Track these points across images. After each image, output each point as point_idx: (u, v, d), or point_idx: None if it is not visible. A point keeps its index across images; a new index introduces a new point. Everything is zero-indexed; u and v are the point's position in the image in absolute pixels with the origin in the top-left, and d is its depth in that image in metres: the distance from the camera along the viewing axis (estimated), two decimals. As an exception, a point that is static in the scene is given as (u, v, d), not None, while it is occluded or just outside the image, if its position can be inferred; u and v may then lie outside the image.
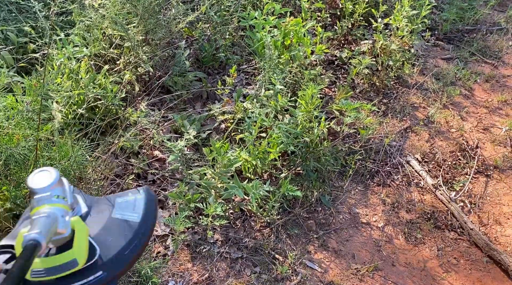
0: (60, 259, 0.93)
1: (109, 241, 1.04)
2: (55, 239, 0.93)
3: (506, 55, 4.10)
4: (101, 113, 2.32)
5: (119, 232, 1.06)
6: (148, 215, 1.08)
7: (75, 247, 0.95)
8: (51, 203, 0.94)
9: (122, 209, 1.09)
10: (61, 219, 0.93)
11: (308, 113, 2.40)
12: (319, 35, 3.08)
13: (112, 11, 2.52)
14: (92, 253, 0.99)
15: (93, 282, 0.99)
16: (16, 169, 1.86)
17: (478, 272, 2.33)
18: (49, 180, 0.96)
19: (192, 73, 2.91)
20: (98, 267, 1.00)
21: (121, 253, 1.03)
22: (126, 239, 1.05)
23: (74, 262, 0.95)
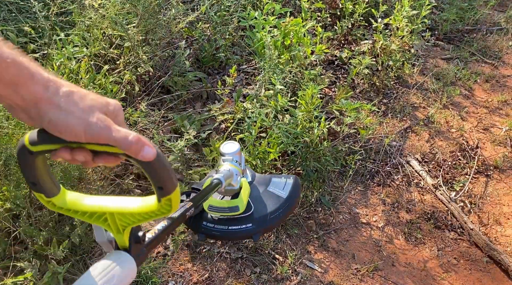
0: (228, 203, 1.34)
1: (262, 205, 1.45)
2: (228, 188, 1.33)
3: (506, 55, 4.10)
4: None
5: (270, 201, 1.47)
6: (292, 195, 1.47)
7: (239, 198, 1.35)
8: (232, 164, 1.37)
9: (275, 186, 1.50)
10: (235, 176, 1.34)
11: (308, 113, 2.40)
12: (319, 35, 3.08)
13: (112, 11, 2.52)
14: (248, 208, 1.39)
15: (243, 230, 1.41)
16: (16, 169, 1.86)
17: (478, 272, 2.33)
18: (234, 149, 1.40)
19: (192, 73, 2.91)
20: (250, 220, 1.42)
21: (268, 215, 1.43)
22: (274, 207, 1.45)
23: (236, 208, 1.35)
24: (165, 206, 0.71)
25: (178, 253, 2.11)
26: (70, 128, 0.57)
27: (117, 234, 0.76)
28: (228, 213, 1.39)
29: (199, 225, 1.44)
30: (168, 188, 0.68)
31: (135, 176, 2.38)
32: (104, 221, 0.74)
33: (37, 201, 1.92)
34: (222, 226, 1.44)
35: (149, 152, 0.60)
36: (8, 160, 1.80)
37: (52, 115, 0.57)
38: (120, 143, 0.59)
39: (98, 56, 2.63)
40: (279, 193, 1.52)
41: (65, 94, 0.58)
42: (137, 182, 2.36)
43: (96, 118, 0.58)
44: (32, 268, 1.78)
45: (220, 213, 1.40)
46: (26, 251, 1.87)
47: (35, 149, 0.61)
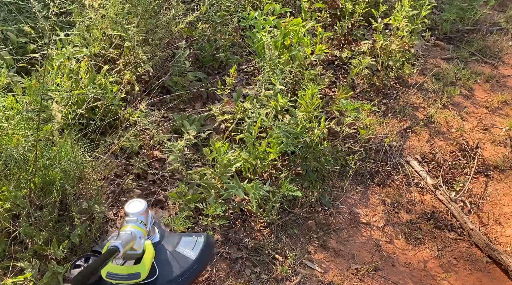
0: (128, 269, 1.26)
1: (168, 269, 1.38)
2: (130, 253, 1.24)
3: (506, 55, 4.09)
4: (101, 113, 2.32)
5: (177, 263, 1.40)
6: (202, 256, 1.43)
7: (141, 264, 1.26)
8: (136, 225, 1.28)
9: (185, 246, 1.44)
10: (138, 239, 1.25)
11: (308, 113, 2.40)
12: (319, 35, 3.08)
13: (112, 11, 2.52)
14: (153, 273, 1.31)
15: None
16: (15, 169, 1.86)
17: (478, 272, 2.33)
18: (139, 208, 1.32)
19: (192, 73, 2.91)
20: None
21: (175, 280, 1.37)
22: (181, 270, 1.39)
23: (137, 275, 1.26)
24: None
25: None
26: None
27: None
28: (128, 280, 1.28)
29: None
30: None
31: (135, 176, 2.38)
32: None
33: (37, 201, 1.92)
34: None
35: None
36: (8, 160, 1.80)
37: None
38: None
39: (98, 56, 2.63)
40: (188, 253, 1.44)
41: None
42: (137, 182, 2.36)
43: None
44: (32, 268, 1.78)
45: (120, 281, 1.29)
46: (26, 251, 1.87)
47: None
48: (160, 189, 2.37)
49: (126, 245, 1.19)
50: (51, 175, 1.90)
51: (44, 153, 1.89)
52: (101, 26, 2.56)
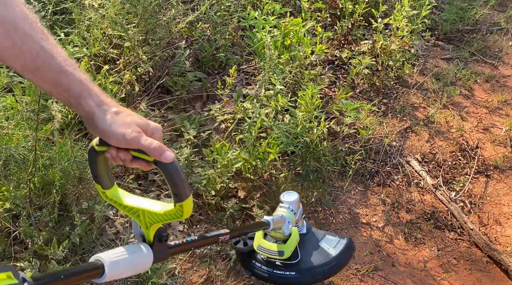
0: (276, 247, 1.48)
1: (309, 258, 1.57)
2: (278, 232, 1.47)
3: (506, 55, 4.10)
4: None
5: (318, 256, 1.57)
6: (342, 256, 1.57)
7: (286, 245, 1.48)
8: (287, 211, 1.51)
9: (327, 243, 1.60)
10: (287, 223, 1.48)
11: (308, 113, 2.40)
12: (319, 35, 3.08)
13: (112, 11, 2.52)
14: (295, 257, 1.51)
15: (286, 277, 1.54)
16: (15, 169, 1.86)
17: (478, 272, 2.33)
18: (292, 198, 1.56)
19: (192, 73, 2.91)
20: (295, 269, 1.53)
21: (312, 269, 1.55)
22: (320, 262, 1.56)
23: (282, 253, 1.48)
24: (179, 211, 0.86)
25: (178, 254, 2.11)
26: (113, 136, 0.80)
27: (145, 229, 0.93)
28: (273, 255, 1.50)
29: (248, 262, 1.59)
30: (181, 196, 0.85)
31: (135, 176, 2.38)
32: (137, 216, 0.92)
33: (37, 201, 1.92)
34: (268, 269, 1.56)
35: (169, 155, 0.81)
36: (8, 160, 1.80)
37: (101, 127, 0.80)
38: (146, 148, 0.80)
39: (98, 56, 2.63)
40: (329, 250, 1.60)
41: (113, 112, 0.81)
42: (137, 182, 2.36)
43: (131, 130, 0.80)
44: (32, 268, 1.78)
45: (267, 255, 1.51)
46: (26, 251, 1.87)
47: (98, 149, 0.85)
48: (160, 189, 2.37)
49: (276, 223, 1.41)
50: (51, 175, 1.90)
51: (44, 153, 1.89)
52: (101, 26, 2.56)
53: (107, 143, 0.82)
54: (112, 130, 0.80)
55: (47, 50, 0.78)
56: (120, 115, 0.81)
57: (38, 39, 0.78)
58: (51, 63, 0.78)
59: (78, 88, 0.79)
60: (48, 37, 0.80)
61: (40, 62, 0.77)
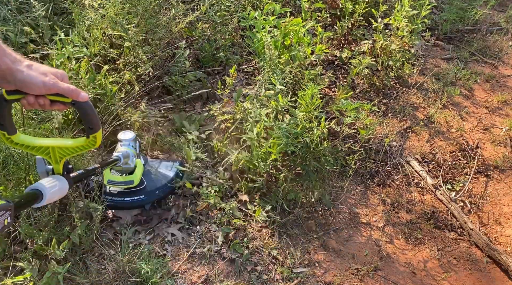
0: (125, 178, 1.83)
1: (152, 181, 1.96)
2: (125, 166, 1.77)
3: (506, 55, 4.09)
4: (101, 113, 2.32)
5: (159, 179, 1.99)
6: (177, 175, 2.07)
7: (134, 174, 1.83)
8: (128, 148, 1.78)
9: (164, 168, 2.06)
10: (131, 157, 1.76)
11: (308, 113, 2.40)
12: (319, 35, 3.08)
13: (112, 11, 2.52)
14: (141, 183, 1.89)
15: (137, 200, 1.93)
16: (14, 169, 1.86)
17: (478, 272, 2.33)
18: (130, 136, 1.83)
19: (192, 73, 2.91)
20: (143, 192, 1.93)
21: (157, 189, 1.99)
22: (161, 183, 2.01)
23: (131, 182, 1.84)
24: (92, 141, 1.06)
25: (178, 253, 2.11)
26: (33, 84, 0.91)
27: (55, 164, 1.11)
28: (124, 185, 1.82)
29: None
30: (95, 128, 1.03)
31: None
32: (47, 154, 1.10)
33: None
34: (118, 198, 1.88)
35: (84, 95, 0.96)
36: (7, 160, 1.80)
37: (20, 78, 0.91)
38: (65, 91, 0.94)
39: (98, 56, 2.63)
40: (167, 173, 2.02)
41: (26, 66, 0.92)
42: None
43: (49, 78, 0.93)
44: (32, 268, 1.78)
45: (118, 186, 1.82)
46: (26, 251, 1.87)
47: (9, 98, 0.94)
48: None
49: (125, 158, 1.63)
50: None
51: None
52: (101, 26, 2.56)
53: (19, 92, 0.93)
54: (33, 80, 0.91)
55: None
56: (34, 67, 0.92)
57: None
58: None
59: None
60: None
61: None
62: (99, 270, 1.91)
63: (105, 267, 1.91)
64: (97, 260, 1.96)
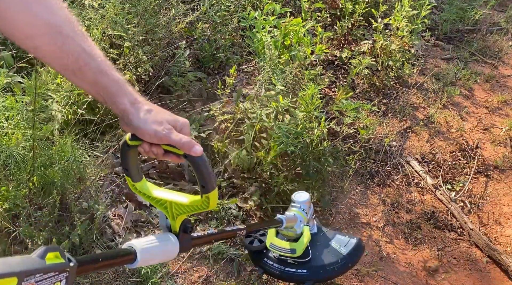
0: (288, 244, 1.55)
1: (320, 256, 1.63)
2: (290, 231, 1.53)
3: (506, 55, 4.09)
4: (101, 113, 2.32)
5: (329, 255, 1.63)
6: (352, 255, 1.63)
7: (298, 243, 1.55)
8: (299, 211, 1.58)
9: (338, 242, 1.67)
10: (299, 222, 1.54)
11: (308, 113, 2.40)
12: (319, 35, 3.08)
13: (111, 11, 2.52)
14: (306, 255, 1.58)
15: (297, 274, 1.60)
16: (15, 169, 1.86)
17: (478, 272, 2.33)
18: (303, 198, 1.62)
19: (192, 73, 2.91)
20: (306, 267, 1.60)
21: (324, 267, 1.61)
22: (331, 261, 1.62)
23: (294, 251, 1.55)
24: (205, 202, 0.93)
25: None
26: (146, 132, 0.87)
27: (172, 220, 1.00)
28: (286, 253, 1.56)
29: (260, 260, 1.65)
30: (208, 188, 0.91)
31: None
32: (164, 208, 1.00)
33: (37, 201, 1.92)
34: (280, 266, 1.62)
35: (197, 149, 0.88)
36: (8, 160, 1.80)
37: (135, 124, 0.87)
38: (177, 143, 0.87)
39: (98, 56, 2.63)
40: (340, 249, 1.66)
41: (146, 110, 0.87)
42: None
43: (163, 127, 0.86)
44: (32, 268, 1.77)
45: (279, 252, 1.57)
46: (26, 251, 1.87)
47: (131, 143, 0.91)
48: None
49: (289, 221, 1.47)
50: (51, 174, 1.90)
51: (44, 153, 1.89)
52: (101, 26, 2.56)
53: (139, 138, 0.89)
54: (146, 127, 0.86)
55: (87, 52, 0.84)
56: (152, 113, 0.87)
57: (79, 41, 0.83)
58: (91, 64, 0.84)
59: (114, 88, 0.86)
60: (88, 39, 0.86)
61: (81, 63, 0.83)
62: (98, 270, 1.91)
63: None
64: (97, 260, 1.96)
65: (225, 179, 2.45)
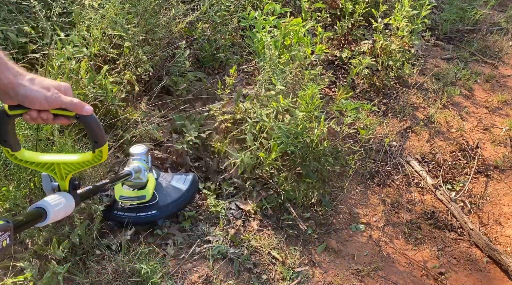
0: (136, 193, 1.74)
1: (165, 196, 1.86)
2: (136, 181, 1.68)
3: (506, 55, 4.10)
4: (101, 113, 2.32)
5: (173, 193, 1.90)
6: (191, 188, 1.97)
7: (146, 189, 1.74)
8: (140, 162, 1.70)
9: (177, 181, 1.96)
10: (143, 171, 1.69)
11: (308, 113, 2.40)
12: (319, 35, 3.08)
13: (112, 11, 2.52)
14: (154, 198, 1.80)
15: (149, 216, 1.85)
16: (16, 169, 1.86)
17: (478, 272, 2.33)
18: (142, 150, 1.75)
19: (192, 73, 2.91)
20: (155, 207, 1.84)
21: (170, 203, 1.88)
22: (175, 196, 1.90)
23: (143, 197, 1.75)
24: (98, 156, 1.02)
25: (178, 253, 2.11)
26: (36, 99, 0.89)
27: (61, 180, 1.08)
28: (136, 201, 1.74)
29: (110, 214, 1.84)
30: (100, 142, 0.99)
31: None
32: (52, 170, 1.06)
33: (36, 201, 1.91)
34: (131, 214, 1.81)
35: (88, 108, 0.94)
36: (8, 160, 1.80)
37: (22, 93, 0.88)
38: (68, 105, 0.92)
39: (98, 56, 2.63)
40: (180, 186, 1.94)
41: (29, 80, 0.90)
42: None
43: (51, 92, 0.90)
44: (32, 268, 1.78)
45: (130, 202, 1.74)
46: (26, 251, 1.87)
47: (11, 113, 0.92)
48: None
49: (136, 173, 1.58)
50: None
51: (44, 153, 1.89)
52: (101, 26, 2.56)
53: (21, 107, 0.90)
54: (35, 95, 0.89)
55: None
56: (36, 80, 0.90)
57: None
58: None
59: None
60: None
61: None
62: (99, 270, 1.91)
63: (105, 267, 1.91)
64: (97, 260, 1.96)
65: (226, 179, 2.45)
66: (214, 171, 2.49)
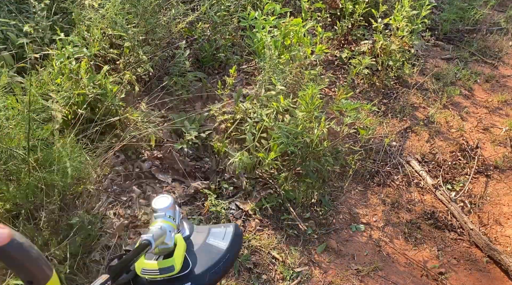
0: (162, 263, 1.23)
1: (200, 261, 1.34)
2: (161, 247, 1.23)
3: (506, 55, 4.09)
4: (101, 113, 2.32)
5: (210, 254, 1.36)
6: (233, 245, 1.40)
7: (173, 257, 1.24)
8: (165, 220, 1.26)
9: (214, 237, 1.41)
10: (168, 233, 1.24)
11: (308, 113, 2.40)
12: (319, 35, 3.08)
13: (112, 11, 2.52)
14: (186, 266, 1.28)
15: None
16: (16, 169, 1.86)
17: (478, 272, 2.33)
18: (166, 203, 1.29)
19: (192, 73, 2.91)
20: (188, 278, 1.30)
21: (208, 271, 1.33)
22: (213, 261, 1.35)
23: (171, 268, 1.24)
24: None
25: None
26: None
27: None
28: (163, 274, 1.25)
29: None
30: (40, 280, 0.60)
31: (135, 175, 2.38)
32: None
33: (36, 201, 1.92)
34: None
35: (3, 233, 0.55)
36: (9, 161, 1.80)
37: None
38: None
39: (98, 56, 2.63)
40: (219, 244, 1.43)
41: None
42: (138, 180, 2.36)
43: None
44: (32, 268, 1.78)
45: (154, 276, 1.25)
46: (26, 251, 1.87)
47: None
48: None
49: (158, 239, 1.20)
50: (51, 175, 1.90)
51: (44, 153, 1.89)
52: (101, 26, 2.56)
53: None
54: None
55: None
56: None
57: None
58: None
59: None
60: None
61: None
62: (99, 270, 1.91)
63: (105, 267, 1.91)
64: (97, 260, 1.96)
65: (226, 180, 2.45)
66: (214, 171, 2.49)
